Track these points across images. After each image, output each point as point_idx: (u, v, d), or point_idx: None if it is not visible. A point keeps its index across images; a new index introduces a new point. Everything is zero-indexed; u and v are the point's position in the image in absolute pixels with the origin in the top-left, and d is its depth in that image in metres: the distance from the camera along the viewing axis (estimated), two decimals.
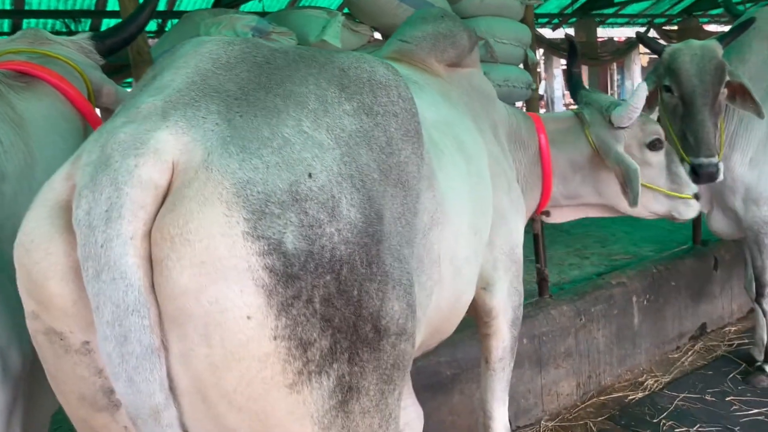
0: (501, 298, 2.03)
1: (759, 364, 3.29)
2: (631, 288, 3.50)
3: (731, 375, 3.33)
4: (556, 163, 2.39)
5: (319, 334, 0.90)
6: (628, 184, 2.22)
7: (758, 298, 3.21)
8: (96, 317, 0.84)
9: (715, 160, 2.69)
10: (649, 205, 2.49)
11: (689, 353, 3.64)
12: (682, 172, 2.52)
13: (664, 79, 2.83)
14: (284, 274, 0.85)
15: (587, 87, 2.65)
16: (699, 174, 2.71)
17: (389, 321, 1.01)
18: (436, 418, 2.74)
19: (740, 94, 2.80)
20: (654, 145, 2.43)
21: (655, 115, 3.12)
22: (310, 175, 0.91)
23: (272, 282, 0.84)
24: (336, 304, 0.91)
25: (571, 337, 3.24)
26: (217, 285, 0.83)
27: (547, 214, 2.57)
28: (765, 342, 3.28)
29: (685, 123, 2.77)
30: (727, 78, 2.74)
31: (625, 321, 3.48)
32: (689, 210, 2.52)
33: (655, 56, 3.03)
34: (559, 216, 2.60)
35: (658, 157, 2.46)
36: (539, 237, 3.18)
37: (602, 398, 3.27)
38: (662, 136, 2.46)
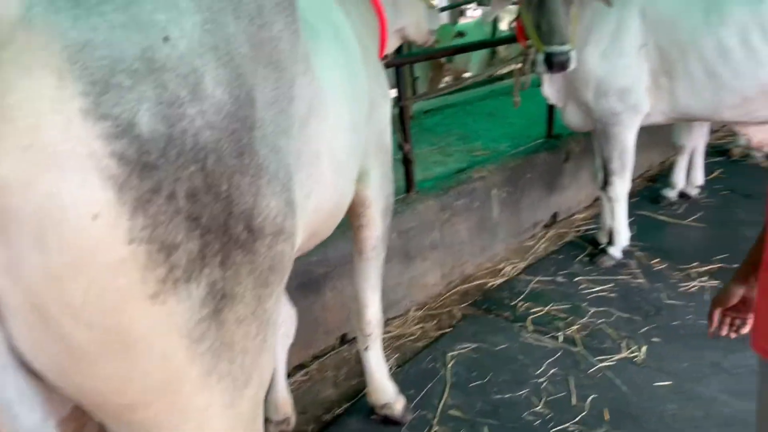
0: (374, 187, 1.99)
1: (603, 246, 3.60)
2: (490, 182, 3.62)
3: (579, 257, 3.63)
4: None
5: (185, 235, 0.76)
6: None
7: (604, 185, 3.46)
8: None
9: (566, 48, 2.76)
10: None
11: (542, 240, 3.90)
12: None
13: None
14: (139, 162, 0.70)
15: None
16: (552, 62, 2.78)
17: (265, 220, 0.90)
18: (308, 316, 2.73)
19: None
20: None
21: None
22: (166, 39, 0.74)
23: (124, 172, 0.69)
24: (203, 200, 0.78)
25: (436, 231, 3.33)
26: (51, 174, 0.66)
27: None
28: (609, 226, 3.57)
29: (539, 11, 2.80)
30: None
31: (486, 213, 3.62)
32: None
33: None
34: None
35: None
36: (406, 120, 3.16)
37: (465, 286, 3.44)
38: None
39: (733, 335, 1.46)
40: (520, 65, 3.25)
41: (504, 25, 6.96)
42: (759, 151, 4.14)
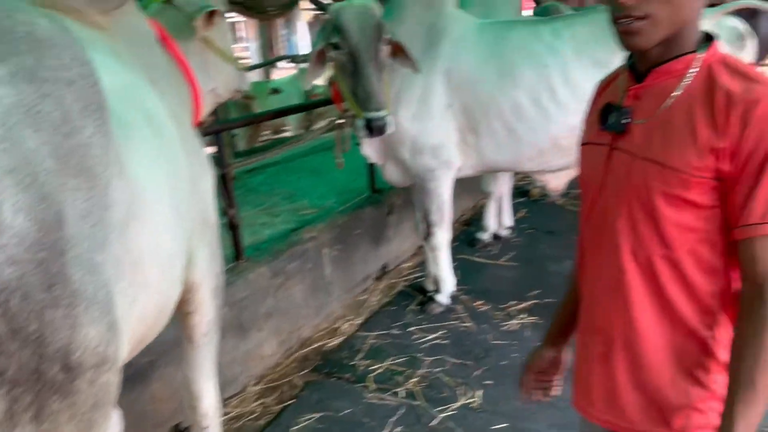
0: (202, 269, 1.88)
1: (431, 294, 3.75)
2: (321, 241, 3.63)
3: (410, 307, 3.75)
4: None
5: None
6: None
7: (426, 237, 3.63)
8: None
9: (384, 113, 2.89)
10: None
11: (375, 293, 3.98)
12: None
13: (332, 37, 2.91)
14: None
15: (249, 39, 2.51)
16: (371, 127, 2.89)
17: (84, 352, 0.79)
18: (135, 410, 2.49)
19: (399, 52, 3.04)
20: None
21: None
22: None
23: None
24: (8, 349, 0.67)
25: (270, 298, 3.24)
26: None
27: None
28: (434, 274, 3.74)
29: (354, 79, 2.90)
30: (387, 36, 2.94)
31: (319, 273, 3.61)
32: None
33: (321, 12, 3.11)
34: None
35: None
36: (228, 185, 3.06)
37: (304, 351, 3.37)
38: None
39: (543, 398, 1.48)
40: (339, 126, 3.34)
41: (321, 80, 7.14)
42: (555, 192, 4.63)
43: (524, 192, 5.76)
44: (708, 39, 1.11)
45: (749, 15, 6.47)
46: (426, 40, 3.30)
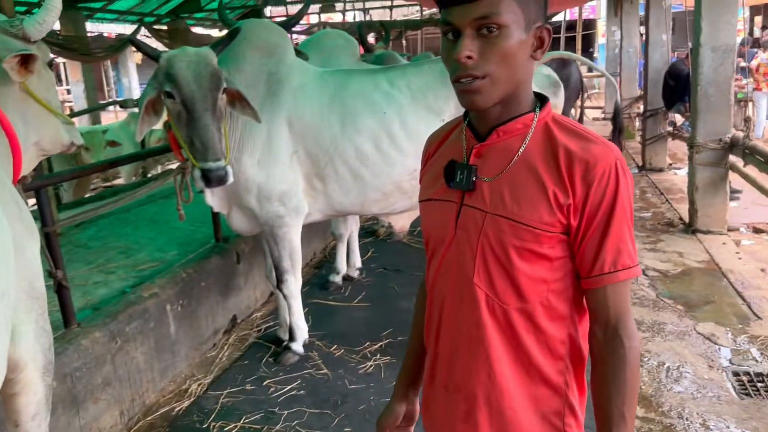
0: (28, 346, 1.68)
1: (286, 343, 3.66)
2: (163, 297, 3.41)
3: (264, 359, 3.62)
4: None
5: None
6: None
7: (279, 284, 3.55)
8: None
9: (222, 164, 2.82)
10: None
11: (226, 348, 3.80)
12: None
13: (164, 86, 2.80)
14: None
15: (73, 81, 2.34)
16: (209, 178, 2.81)
17: None
18: None
19: (239, 100, 2.99)
20: None
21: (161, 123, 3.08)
22: None
23: None
24: None
25: (108, 365, 2.96)
26: None
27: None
28: (288, 322, 3.66)
29: (190, 129, 2.80)
30: (225, 85, 2.89)
31: (163, 332, 3.38)
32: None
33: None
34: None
35: None
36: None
37: (149, 419, 3.11)
38: None
39: None
40: (180, 172, 3.19)
41: (159, 125, 6.82)
42: (400, 233, 4.78)
43: (371, 232, 5.88)
44: (539, 97, 1.17)
45: (561, 64, 7.27)
46: (267, 88, 3.28)
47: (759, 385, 3.14)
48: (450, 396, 1.22)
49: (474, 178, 1.15)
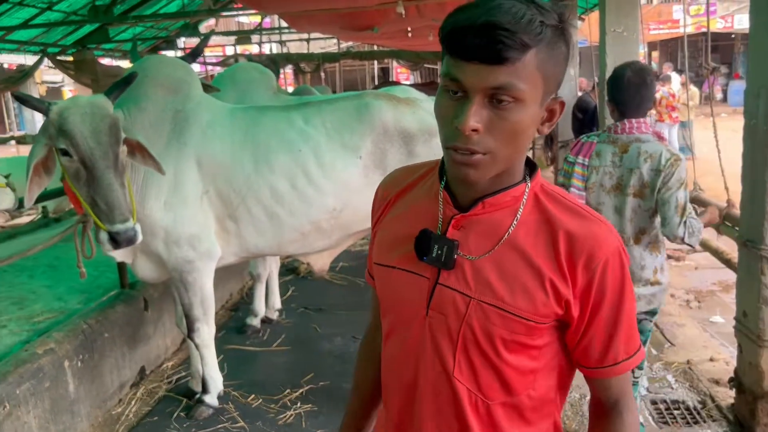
0: None
1: (198, 396, 3.42)
2: (61, 353, 3.12)
3: (176, 414, 3.36)
4: None
5: None
6: None
7: (190, 333, 3.33)
8: None
9: (131, 224, 2.65)
10: None
11: (133, 403, 3.51)
12: None
13: (58, 143, 2.59)
14: None
15: None
16: (118, 241, 2.64)
17: None
18: None
19: (139, 150, 2.81)
20: None
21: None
22: None
23: None
24: None
25: None
26: None
27: None
28: (201, 373, 3.43)
29: (92, 189, 2.61)
30: (124, 135, 2.71)
31: (60, 391, 3.08)
32: None
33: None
34: None
35: None
36: None
37: None
38: None
39: None
40: (81, 225, 2.96)
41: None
42: (320, 273, 4.64)
43: (292, 269, 5.70)
44: (527, 164, 1.04)
45: None
46: (173, 126, 3.10)
47: (675, 412, 3.20)
48: None
49: (455, 256, 0.99)
